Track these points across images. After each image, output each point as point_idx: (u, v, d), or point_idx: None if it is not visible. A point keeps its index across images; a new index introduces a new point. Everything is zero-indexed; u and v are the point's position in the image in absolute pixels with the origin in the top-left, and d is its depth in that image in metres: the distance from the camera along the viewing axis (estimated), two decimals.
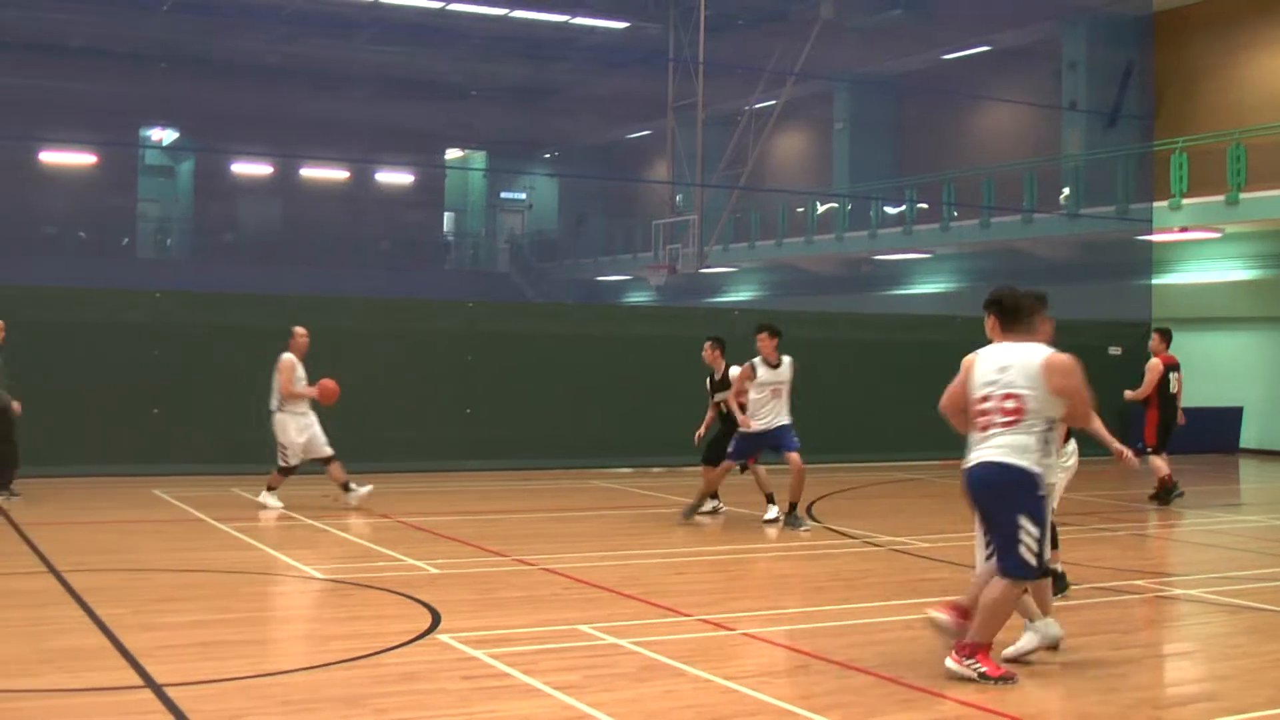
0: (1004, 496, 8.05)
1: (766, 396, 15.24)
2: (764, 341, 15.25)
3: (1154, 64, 32.39)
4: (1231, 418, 28.37)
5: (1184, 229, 28.86)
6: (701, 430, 16.22)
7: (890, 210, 37.99)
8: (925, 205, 36.41)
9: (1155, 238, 29.62)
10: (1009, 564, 8.02)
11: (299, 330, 16.33)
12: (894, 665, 8.45)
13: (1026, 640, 8.63)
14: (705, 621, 9.81)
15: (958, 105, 38.07)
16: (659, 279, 39.87)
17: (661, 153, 42.03)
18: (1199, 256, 30.62)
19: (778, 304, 38.37)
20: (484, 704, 7.51)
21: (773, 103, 38.07)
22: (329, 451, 16.25)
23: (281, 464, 16.21)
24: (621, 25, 40.05)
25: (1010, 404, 8.04)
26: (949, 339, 24.80)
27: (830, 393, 24.02)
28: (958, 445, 8.46)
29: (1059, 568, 10.74)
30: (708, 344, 16.18)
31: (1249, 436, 28.28)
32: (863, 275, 40.15)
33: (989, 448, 8.10)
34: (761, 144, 38.29)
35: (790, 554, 13.72)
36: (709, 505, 16.21)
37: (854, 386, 24.09)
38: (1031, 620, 8.62)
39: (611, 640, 9.14)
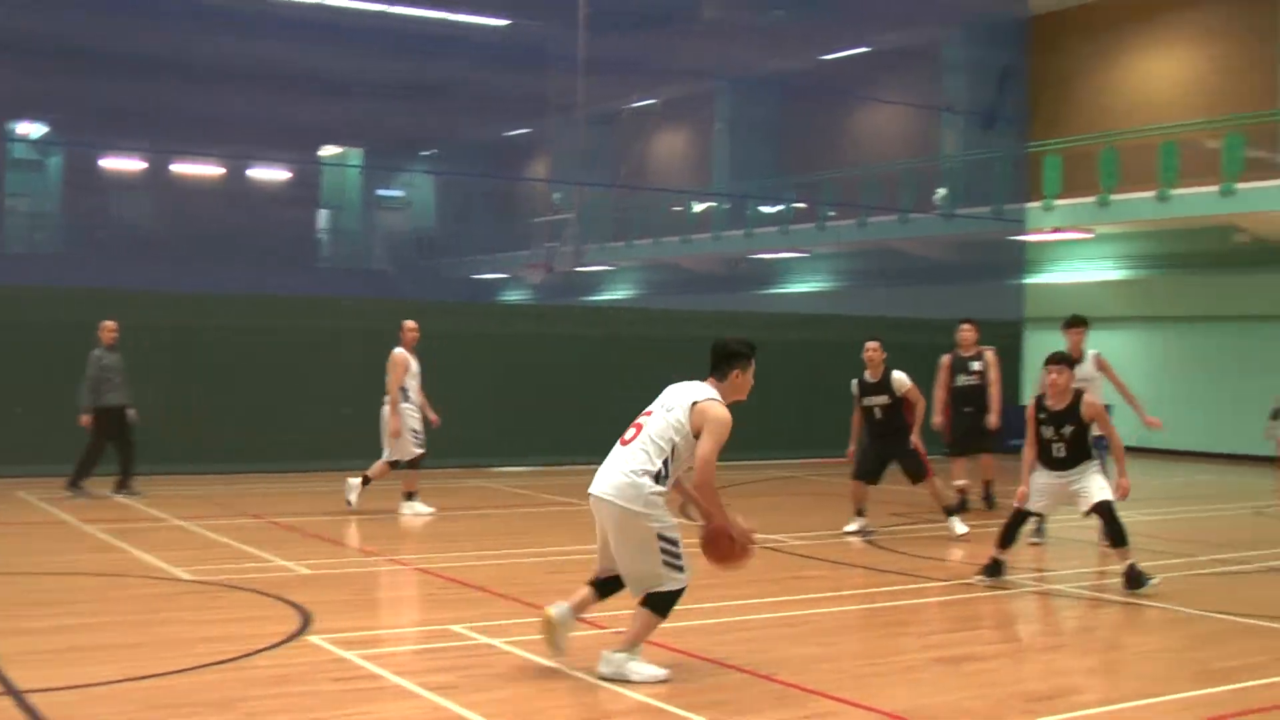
0: None
1: None
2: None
3: (1030, 67, 32.79)
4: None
5: (1057, 229, 29.26)
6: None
7: (768, 210, 38.14)
8: (803, 205, 36.60)
9: (1028, 238, 30.00)
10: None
11: (409, 325, 16.20)
12: (768, 663, 8.45)
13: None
14: (580, 621, 9.75)
15: (838, 106, 38.28)
16: (537, 277, 39.74)
17: (541, 151, 41.94)
18: (1071, 257, 31.07)
19: (655, 303, 38.38)
20: (356, 706, 7.41)
21: (653, 102, 38.11)
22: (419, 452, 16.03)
23: (396, 459, 15.95)
24: (503, 23, 39.84)
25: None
26: (825, 338, 25.14)
27: None
28: (834, 444, 8.48)
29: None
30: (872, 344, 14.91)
31: (1120, 434, 28.61)
32: (740, 274, 40.27)
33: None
34: (641, 143, 38.31)
35: None
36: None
37: None
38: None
39: (486, 640, 9.07)
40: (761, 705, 7.59)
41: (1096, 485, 11.46)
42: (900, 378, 14.64)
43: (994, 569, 11.65)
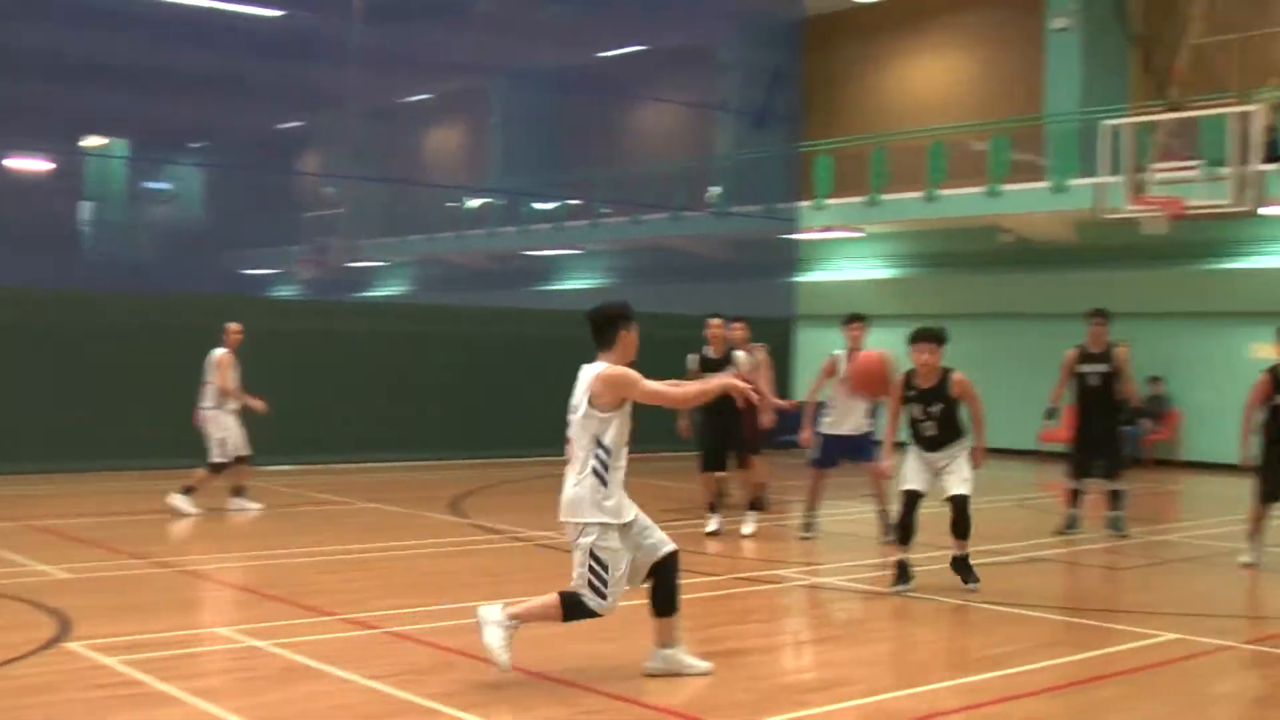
0: None
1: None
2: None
3: (803, 68, 33.19)
4: (872, 412, 29.26)
5: (828, 228, 29.68)
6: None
7: (543, 206, 38.05)
8: (578, 201, 36.58)
9: (800, 236, 30.37)
10: None
11: (232, 326, 16.33)
12: (541, 661, 8.38)
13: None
14: (350, 621, 9.55)
15: (613, 103, 38.35)
16: (309, 273, 39.13)
17: (314, 145, 41.26)
18: (842, 255, 31.56)
19: (429, 299, 38.05)
20: (118, 713, 7.17)
21: (428, 96, 37.75)
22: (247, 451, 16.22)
23: (217, 460, 15.95)
24: (276, 13, 39.08)
25: None
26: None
27: (482, 388, 23.93)
28: None
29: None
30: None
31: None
32: (514, 271, 40.13)
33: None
34: (416, 137, 37.93)
35: (440, 551, 13.52)
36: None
37: (505, 382, 24.01)
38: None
39: (252, 643, 8.84)
40: (535, 702, 7.54)
41: (960, 476, 11.10)
42: (742, 356, 14.77)
43: (902, 573, 11.13)
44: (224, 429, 15.97)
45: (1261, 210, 17.76)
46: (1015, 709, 7.63)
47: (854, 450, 14.52)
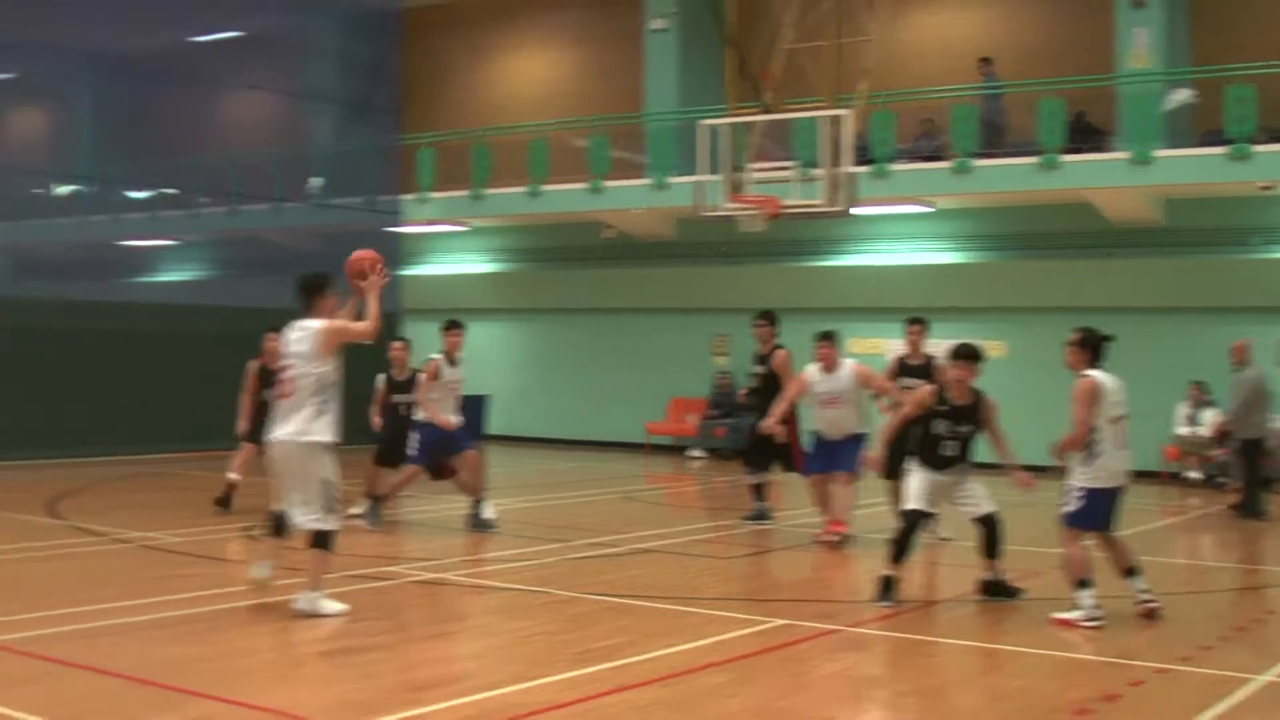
0: None
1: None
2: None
3: (403, 60, 32.93)
4: (478, 406, 29.34)
5: (432, 222, 29.54)
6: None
7: (138, 195, 36.72)
8: (174, 190, 35.44)
9: (404, 229, 30.14)
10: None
11: None
12: (145, 667, 8.06)
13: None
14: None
15: (208, 90, 37.27)
16: None
17: None
18: (446, 249, 31.48)
19: (12, 291, 36.23)
20: None
21: (10, 76, 35.98)
22: None
23: None
24: None
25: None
26: (197, 329, 24.42)
27: (71, 384, 22.90)
28: (207, 435, 8.17)
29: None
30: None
31: (496, 424, 29.32)
32: (108, 262, 38.58)
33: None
34: None
35: (35, 554, 12.83)
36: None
37: (97, 378, 23.07)
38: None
39: None
40: (139, 711, 7.26)
41: (981, 495, 10.93)
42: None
43: (888, 588, 10.82)
44: None
45: (854, 210, 18.43)
46: (628, 699, 7.71)
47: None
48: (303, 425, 9.71)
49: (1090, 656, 9.14)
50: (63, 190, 38.38)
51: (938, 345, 13.49)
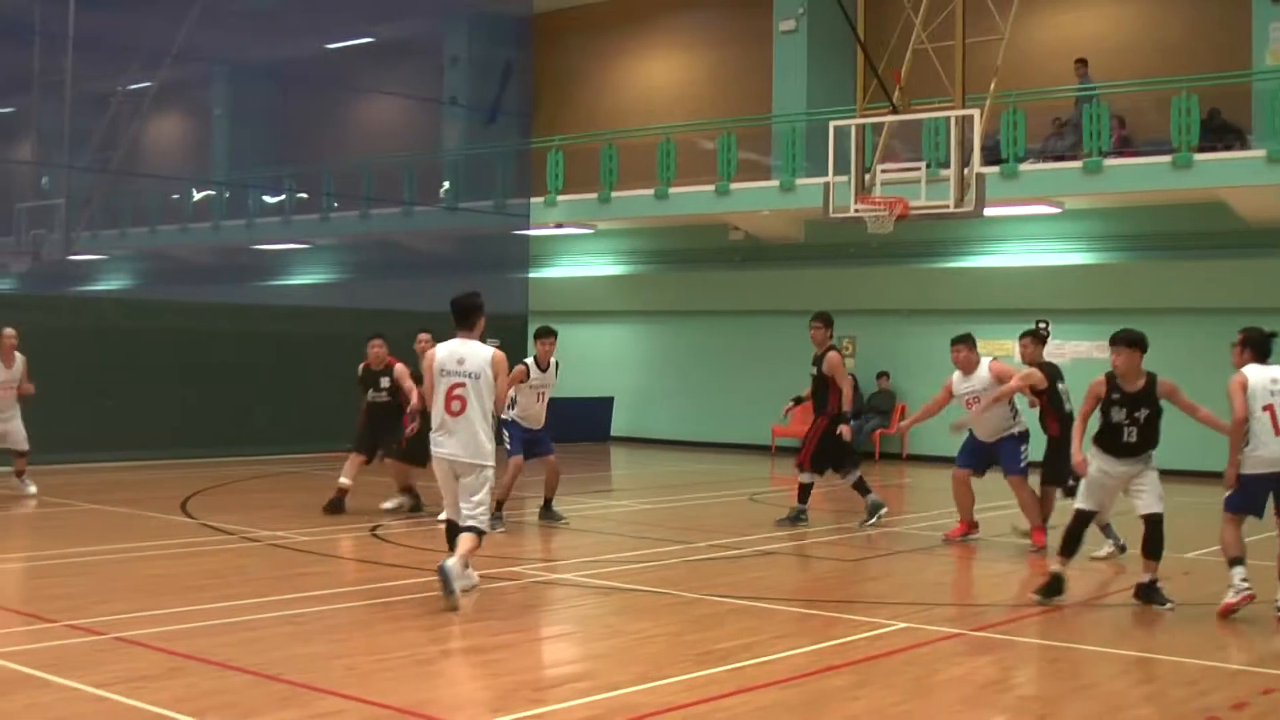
0: None
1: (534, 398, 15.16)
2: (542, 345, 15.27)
3: (533, 64, 33.16)
4: (604, 407, 29.47)
5: (559, 225, 29.68)
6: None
7: (270, 200, 37.27)
8: (305, 195, 35.93)
9: (532, 232, 30.32)
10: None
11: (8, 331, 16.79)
12: (272, 663, 8.16)
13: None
14: (73, 627, 9.16)
15: (340, 96, 37.77)
16: (22, 266, 37.59)
17: (26, 132, 39.62)
18: (573, 252, 31.61)
19: (151, 294, 36.95)
20: None
21: (148, 84, 36.58)
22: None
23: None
24: None
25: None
26: (327, 331, 24.71)
27: (207, 385, 23.28)
28: (337, 437, 8.23)
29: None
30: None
31: (620, 425, 29.43)
32: (240, 265, 39.22)
33: None
34: (135, 126, 36.72)
35: (166, 553, 13.04)
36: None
37: (231, 379, 23.44)
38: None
39: None
40: (265, 706, 7.32)
41: (1154, 492, 10.69)
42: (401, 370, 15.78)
43: (1054, 587, 10.90)
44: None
45: (985, 211, 18.26)
46: (749, 700, 7.67)
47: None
48: (477, 444, 10.38)
49: (1220, 664, 8.97)
50: (198, 195, 39.07)
51: (1071, 347, 13.30)
